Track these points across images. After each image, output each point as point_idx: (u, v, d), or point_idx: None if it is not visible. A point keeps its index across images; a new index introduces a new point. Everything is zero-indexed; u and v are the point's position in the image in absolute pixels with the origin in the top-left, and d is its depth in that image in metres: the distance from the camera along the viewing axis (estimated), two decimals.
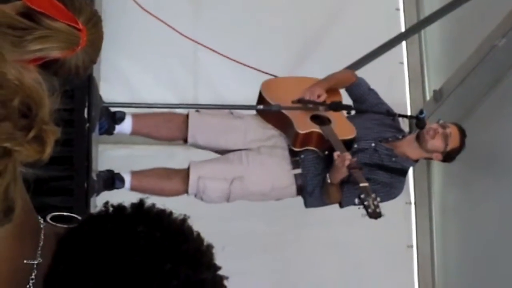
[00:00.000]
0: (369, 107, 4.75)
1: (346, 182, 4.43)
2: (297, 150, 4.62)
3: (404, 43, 6.13)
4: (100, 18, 2.28)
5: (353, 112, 4.70)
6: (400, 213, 5.95)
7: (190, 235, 1.40)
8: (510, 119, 5.07)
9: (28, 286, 1.40)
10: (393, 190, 4.66)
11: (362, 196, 4.14)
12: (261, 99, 4.81)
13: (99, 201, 4.46)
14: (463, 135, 4.62)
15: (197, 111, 4.81)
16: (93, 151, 4.39)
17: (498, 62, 5.07)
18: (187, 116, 4.75)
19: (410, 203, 6.07)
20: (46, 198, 3.95)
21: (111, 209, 1.41)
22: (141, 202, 1.41)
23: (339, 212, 4.67)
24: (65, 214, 1.52)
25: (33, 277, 1.40)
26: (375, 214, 4.12)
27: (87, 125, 4.28)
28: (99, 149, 4.83)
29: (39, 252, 1.42)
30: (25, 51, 2.06)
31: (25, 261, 1.41)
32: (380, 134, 4.69)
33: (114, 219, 1.39)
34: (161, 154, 5.56)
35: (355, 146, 4.61)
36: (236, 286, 1.49)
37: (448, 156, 4.65)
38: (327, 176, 4.43)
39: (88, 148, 4.30)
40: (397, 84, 6.12)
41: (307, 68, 5.38)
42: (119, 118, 4.70)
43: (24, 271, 1.41)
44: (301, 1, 6.13)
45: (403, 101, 6.08)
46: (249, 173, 4.60)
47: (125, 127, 4.73)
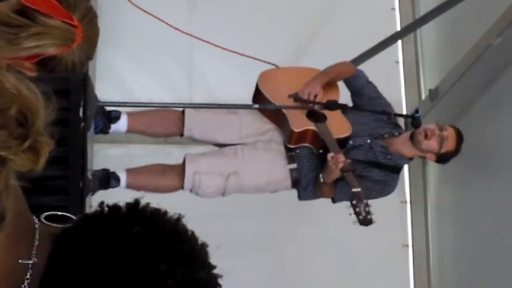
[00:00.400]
0: (366, 101, 4.74)
1: (339, 179, 4.43)
2: (291, 147, 4.62)
3: (399, 42, 6.13)
4: (96, 14, 2.28)
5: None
6: (396, 212, 5.96)
7: (185, 234, 1.40)
8: (505, 118, 5.08)
9: (23, 286, 1.40)
10: (386, 188, 4.66)
11: (354, 202, 4.15)
12: (257, 92, 4.80)
13: (94, 200, 4.46)
14: (460, 139, 4.60)
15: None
16: (88, 150, 4.38)
17: (493, 61, 5.08)
18: (182, 112, 4.74)
19: (405, 202, 6.07)
20: (41, 198, 3.94)
21: (106, 209, 1.41)
22: (136, 202, 1.41)
23: (334, 211, 4.67)
24: (59, 213, 1.52)
25: (28, 276, 1.40)
26: (365, 221, 4.14)
27: (83, 124, 4.27)
28: (94, 148, 4.82)
29: (34, 252, 1.41)
30: (21, 48, 2.05)
31: (20, 261, 1.40)
32: (376, 130, 4.69)
33: (110, 219, 1.39)
34: (156, 153, 5.56)
35: (350, 142, 4.61)
36: (231, 285, 1.49)
37: (441, 158, 4.64)
38: (320, 176, 4.44)
39: (84, 147, 4.29)
40: (392, 83, 6.12)
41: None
42: (114, 117, 4.70)
43: (19, 270, 1.40)
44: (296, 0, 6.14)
45: (398, 100, 6.08)
46: (244, 168, 4.60)
47: (120, 125, 4.72)
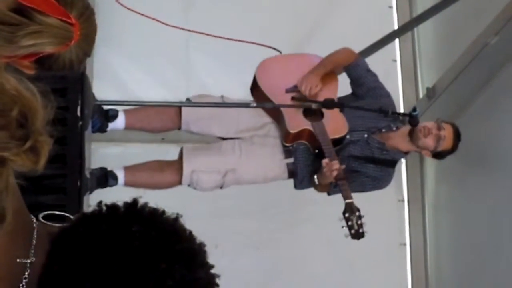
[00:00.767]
0: (365, 91, 4.71)
1: None
2: (288, 145, 4.62)
3: (397, 40, 6.13)
4: (93, 11, 2.27)
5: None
6: (393, 210, 5.96)
7: (183, 234, 1.41)
8: (502, 117, 5.08)
9: (21, 285, 1.40)
10: (381, 183, 4.69)
11: (347, 215, 4.17)
12: (255, 85, 4.77)
13: (92, 199, 4.46)
14: (457, 138, 4.60)
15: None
16: (86, 149, 4.38)
17: (490, 60, 5.08)
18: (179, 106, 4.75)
19: (403, 200, 6.07)
20: (39, 197, 3.94)
21: (104, 208, 1.41)
22: (134, 202, 1.41)
23: (332, 210, 4.67)
24: (57, 213, 1.52)
25: (26, 275, 1.40)
26: (357, 235, 4.17)
27: (80, 123, 4.27)
28: (92, 147, 4.82)
29: (32, 251, 1.42)
30: (18, 46, 2.05)
31: (18, 260, 1.41)
32: (374, 123, 4.67)
33: (108, 219, 1.39)
34: (154, 152, 5.55)
35: (347, 137, 4.60)
36: (228, 284, 1.49)
37: (438, 155, 4.66)
38: (315, 176, 4.45)
39: (81, 146, 4.29)
40: (390, 82, 6.09)
41: None
42: (112, 116, 4.70)
43: (17, 270, 1.41)
44: None
45: (396, 99, 6.05)
46: (241, 164, 4.60)
47: (118, 123, 4.72)
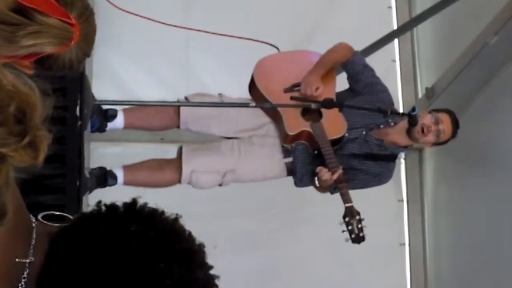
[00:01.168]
0: (362, 87, 4.70)
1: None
2: (287, 146, 4.62)
3: (396, 41, 6.13)
4: (93, 11, 2.27)
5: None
6: (392, 211, 5.97)
7: (182, 234, 1.41)
8: (501, 117, 5.08)
9: (20, 285, 1.40)
10: (382, 179, 4.70)
11: (347, 220, 4.17)
12: (252, 85, 4.77)
13: (91, 198, 4.46)
14: (456, 125, 4.60)
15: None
16: (85, 148, 4.38)
17: (490, 60, 5.08)
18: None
19: (402, 201, 6.08)
20: (38, 196, 3.94)
21: (104, 208, 1.41)
22: (133, 202, 1.41)
23: (331, 210, 4.67)
24: (56, 213, 1.52)
25: (25, 275, 1.40)
26: (358, 239, 4.18)
27: (79, 123, 4.27)
28: (91, 147, 4.82)
29: (31, 251, 1.42)
30: (18, 46, 2.05)
31: (17, 259, 1.41)
32: (373, 119, 4.67)
33: (107, 218, 1.39)
34: (153, 151, 5.54)
35: (346, 135, 4.60)
36: (227, 285, 1.49)
37: (438, 144, 4.67)
38: (315, 179, 4.45)
39: (80, 145, 4.29)
40: (389, 82, 6.07)
41: None
42: (111, 115, 4.70)
43: (16, 269, 1.41)
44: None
45: (395, 99, 6.05)
46: (241, 164, 4.61)
47: (117, 122, 4.72)
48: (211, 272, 1.41)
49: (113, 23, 5.46)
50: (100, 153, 5.41)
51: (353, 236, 4.16)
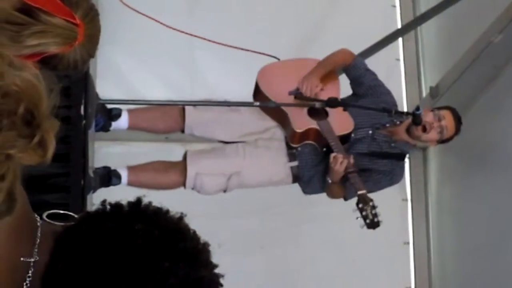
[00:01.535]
0: (365, 90, 4.72)
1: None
2: (295, 146, 4.62)
3: (400, 39, 6.13)
4: (97, 12, 2.28)
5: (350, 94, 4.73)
6: (397, 210, 5.96)
7: (187, 233, 1.41)
8: (506, 116, 5.08)
9: (25, 284, 1.40)
10: (394, 178, 4.69)
11: (360, 206, 4.16)
12: (257, 90, 4.78)
13: (95, 198, 4.46)
14: (458, 122, 4.60)
15: (193, 107, 4.80)
16: (89, 148, 4.38)
17: (494, 58, 5.08)
18: (183, 108, 4.74)
19: (406, 200, 6.07)
20: (43, 195, 3.94)
21: (108, 207, 1.41)
22: (138, 201, 1.41)
23: (335, 209, 4.68)
24: (61, 212, 1.52)
25: (30, 274, 1.40)
26: (373, 225, 4.16)
27: (84, 122, 4.27)
28: (95, 146, 4.82)
29: (36, 250, 1.42)
30: (23, 46, 2.05)
31: (22, 258, 1.41)
32: (378, 119, 4.68)
33: (112, 217, 1.39)
34: (158, 151, 5.55)
35: (352, 136, 4.61)
36: (232, 284, 1.49)
37: (442, 142, 4.67)
38: (327, 176, 4.45)
39: (85, 145, 4.29)
40: (393, 81, 6.10)
41: None
42: (115, 115, 4.70)
43: (21, 268, 1.41)
44: None
45: (399, 98, 6.06)
46: (246, 167, 4.61)
47: (121, 123, 4.72)
48: (216, 271, 1.41)
49: (118, 21, 5.47)
50: (104, 152, 5.41)
51: (367, 221, 4.13)
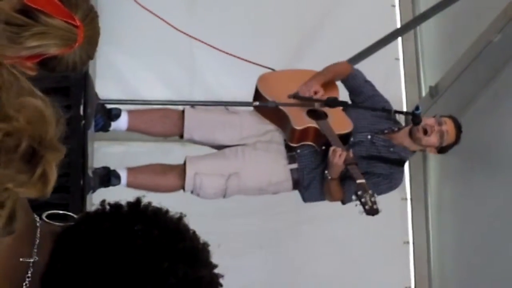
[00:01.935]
0: (364, 100, 4.75)
1: (346, 178, 4.44)
2: (294, 146, 4.62)
3: (399, 39, 6.13)
4: (97, 13, 2.28)
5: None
6: (396, 209, 5.96)
7: (187, 233, 1.41)
8: (505, 115, 5.08)
9: (24, 284, 1.40)
10: (393, 182, 4.68)
11: (359, 193, 4.16)
12: (257, 94, 4.81)
13: (95, 198, 4.46)
14: (459, 130, 4.62)
15: (192, 107, 4.80)
16: (88, 148, 4.38)
17: (493, 58, 5.08)
18: (182, 112, 4.75)
19: (406, 198, 6.07)
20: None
21: (108, 207, 1.41)
22: (137, 201, 1.41)
23: (335, 208, 4.67)
24: (60, 212, 1.52)
25: (29, 275, 1.40)
26: (372, 211, 4.15)
27: (83, 122, 4.27)
28: (94, 146, 4.83)
29: (35, 250, 1.42)
30: (23, 47, 2.05)
31: (21, 259, 1.41)
32: (376, 126, 4.69)
33: (111, 217, 1.39)
34: (157, 151, 5.56)
35: (351, 139, 4.61)
36: (232, 283, 1.50)
37: (442, 150, 4.67)
38: (326, 172, 4.45)
39: (84, 145, 4.30)
40: (392, 80, 6.12)
41: (302, 65, 5.37)
42: (114, 115, 4.70)
43: (20, 269, 1.41)
44: None
45: (398, 97, 6.08)
46: (245, 168, 4.61)
47: (121, 123, 4.72)
48: (216, 271, 1.41)
49: (117, 21, 5.47)
50: (103, 152, 5.42)
51: (367, 207, 4.13)
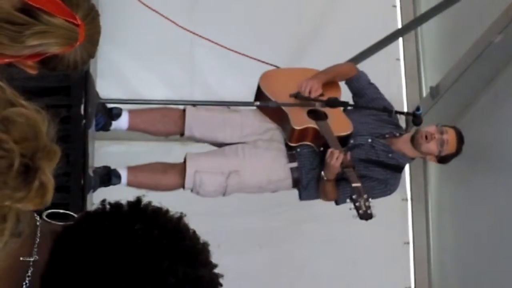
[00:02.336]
0: (367, 102, 4.75)
1: (341, 179, 4.44)
2: (293, 145, 4.63)
3: (400, 39, 6.13)
4: (98, 12, 2.27)
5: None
6: (397, 209, 5.96)
7: (187, 233, 1.41)
8: (506, 116, 5.07)
9: (24, 283, 1.40)
10: (388, 187, 4.67)
11: (354, 197, 4.17)
12: (258, 92, 4.81)
13: (95, 197, 4.46)
14: (460, 141, 4.61)
15: (193, 106, 4.81)
16: (89, 147, 4.39)
17: (494, 58, 5.08)
18: (183, 111, 4.75)
19: (406, 199, 6.07)
20: None
21: (108, 207, 1.41)
22: (138, 200, 1.41)
23: (335, 208, 4.67)
24: (61, 211, 1.52)
25: (29, 274, 1.40)
26: (366, 216, 4.16)
27: (84, 121, 4.28)
28: (95, 145, 4.82)
29: (35, 250, 1.42)
30: (24, 46, 2.05)
31: (21, 258, 1.41)
32: (378, 129, 4.69)
33: (112, 217, 1.39)
34: (158, 150, 5.55)
35: (351, 141, 4.61)
36: (231, 283, 1.50)
37: (442, 159, 4.66)
38: (322, 173, 4.45)
39: (85, 144, 4.30)
40: (393, 81, 6.12)
41: (303, 65, 5.37)
42: (115, 114, 4.70)
43: (20, 268, 1.41)
44: None
45: (399, 98, 6.08)
46: (245, 166, 4.61)
47: (121, 123, 4.72)
48: (215, 270, 1.41)
49: (118, 21, 5.48)
50: (104, 151, 5.42)
51: (360, 212, 4.15)
